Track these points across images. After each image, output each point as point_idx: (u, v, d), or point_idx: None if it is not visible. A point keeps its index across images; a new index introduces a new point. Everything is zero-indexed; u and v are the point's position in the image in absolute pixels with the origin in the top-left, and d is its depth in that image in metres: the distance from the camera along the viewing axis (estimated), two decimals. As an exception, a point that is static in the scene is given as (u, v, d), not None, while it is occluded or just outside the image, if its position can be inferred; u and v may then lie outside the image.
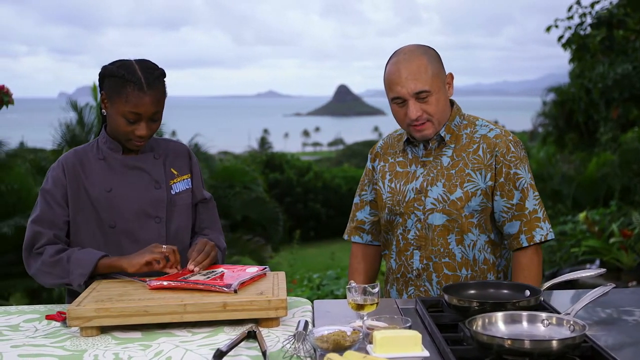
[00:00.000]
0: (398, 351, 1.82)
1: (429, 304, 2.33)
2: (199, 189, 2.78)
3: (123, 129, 2.54)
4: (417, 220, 2.71)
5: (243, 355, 1.95)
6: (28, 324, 2.29)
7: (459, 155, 2.70)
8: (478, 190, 2.65)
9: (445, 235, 2.68)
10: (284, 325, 2.21)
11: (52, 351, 2.02)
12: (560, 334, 1.88)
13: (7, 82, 5.04)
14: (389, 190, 2.80)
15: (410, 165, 2.77)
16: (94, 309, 2.13)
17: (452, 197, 2.65)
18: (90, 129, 12.53)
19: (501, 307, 2.07)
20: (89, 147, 2.70)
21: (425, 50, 2.67)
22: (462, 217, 2.65)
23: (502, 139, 2.69)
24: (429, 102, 2.61)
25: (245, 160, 27.02)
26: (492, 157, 2.66)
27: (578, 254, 9.41)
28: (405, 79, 2.60)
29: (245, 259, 12.42)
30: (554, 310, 2.14)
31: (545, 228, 2.66)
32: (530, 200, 2.66)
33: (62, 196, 2.61)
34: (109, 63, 2.59)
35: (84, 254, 2.51)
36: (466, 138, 2.72)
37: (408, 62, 2.62)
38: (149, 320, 2.14)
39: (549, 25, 11.05)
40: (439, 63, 2.66)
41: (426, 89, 2.59)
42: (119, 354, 1.98)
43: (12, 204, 11.12)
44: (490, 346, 1.80)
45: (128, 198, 2.60)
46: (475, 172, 2.66)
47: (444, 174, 2.69)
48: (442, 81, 2.64)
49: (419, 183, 2.71)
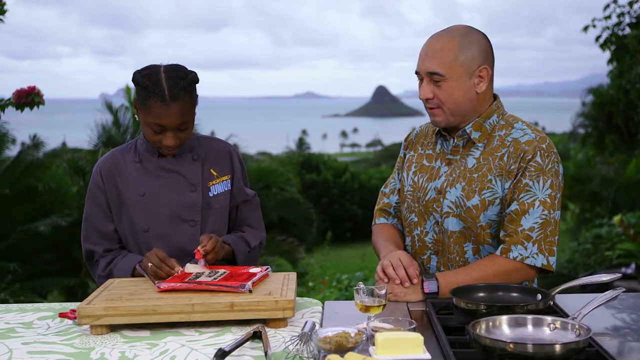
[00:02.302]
0: (400, 353, 1.80)
1: (439, 306, 2.31)
2: (242, 189, 2.75)
3: (151, 137, 2.54)
4: (435, 223, 2.57)
5: (247, 355, 1.95)
6: (41, 322, 2.32)
7: (486, 158, 2.49)
8: (496, 199, 2.45)
9: (462, 243, 2.52)
10: (292, 325, 2.20)
11: (60, 348, 2.05)
12: (566, 338, 1.84)
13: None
14: (411, 183, 2.65)
15: (436, 161, 2.61)
16: (103, 307, 2.15)
17: (469, 203, 2.47)
18: (125, 130, 12.71)
19: (509, 310, 2.04)
20: (127, 148, 2.71)
21: (467, 33, 2.46)
22: (477, 226, 2.48)
23: (532, 145, 2.44)
24: (441, 87, 2.44)
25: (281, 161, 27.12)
26: (515, 162, 2.43)
27: (613, 257, 9.26)
28: (425, 55, 2.45)
29: (278, 260, 12.47)
30: (564, 314, 2.10)
31: (529, 249, 2.38)
32: (530, 218, 2.40)
33: (105, 202, 2.65)
34: (140, 68, 2.55)
35: (122, 266, 2.58)
36: (498, 140, 2.50)
37: (437, 39, 2.46)
38: (157, 319, 2.16)
39: (586, 25, 10.89)
40: (475, 52, 2.44)
41: (439, 72, 2.42)
42: (125, 352, 2.00)
43: (50, 203, 11.33)
44: (493, 350, 1.78)
45: (162, 202, 2.61)
46: (496, 179, 2.46)
47: (465, 176, 2.50)
48: (467, 71, 2.43)
49: (441, 182, 2.55)
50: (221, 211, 2.70)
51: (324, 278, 9.29)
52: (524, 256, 2.40)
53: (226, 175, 2.72)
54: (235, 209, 2.78)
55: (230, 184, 2.73)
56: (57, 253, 11.08)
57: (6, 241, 10.40)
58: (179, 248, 2.57)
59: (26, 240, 10.72)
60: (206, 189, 2.66)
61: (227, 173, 2.72)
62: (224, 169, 2.72)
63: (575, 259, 10.38)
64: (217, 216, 2.68)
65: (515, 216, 2.42)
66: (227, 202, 2.71)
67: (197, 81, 2.56)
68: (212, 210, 2.66)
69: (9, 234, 10.52)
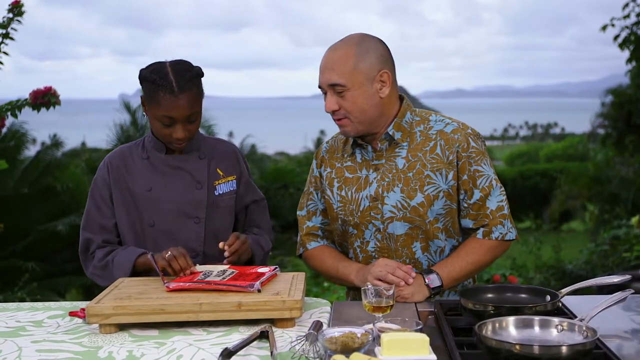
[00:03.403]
0: (405, 354, 1.80)
1: (447, 307, 2.30)
2: (249, 190, 2.77)
3: (160, 132, 2.57)
4: (376, 231, 2.55)
5: (253, 355, 1.95)
6: (51, 320, 2.34)
7: (415, 155, 2.51)
8: (440, 193, 2.49)
9: (410, 245, 2.54)
10: (300, 325, 2.20)
11: (69, 347, 2.06)
12: (572, 339, 1.83)
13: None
14: (339, 199, 2.61)
15: (360, 170, 2.58)
16: (112, 306, 2.16)
17: (413, 202, 2.48)
18: (143, 130, 12.79)
19: (517, 311, 2.04)
20: (135, 145, 2.75)
21: (362, 40, 2.46)
22: (425, 223, 2.49)
23: (460, 133, 2.51)
24: (345, 97, 2.43)
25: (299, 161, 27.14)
26: (452, 153, 2.48)
27: (631, 259, 9.17)
28: (325, 67, 2.45)
29: (295, 260, 12.46)
30: (572, 315, 2.09)
31: (506, 226, 2.52)
32: (493, 197, 2.52)
33: (108, 196, 2.68)
34: (145, 66, 2.60)
35: (123, 256, 2.59)
36: (420, 136, 2.53)
37: (334, 51, 2.45)
38: (165, 318, 2.16)
39: (605, 25, 10.80)
40: (373, 58, 2.43)
41: (340, 83, 2.41)
42: (132, 351, 2.01)
43: (67, 203, 11.42)
44: (498, 351, 1.77)
45: (167, 198, 2.64)
46: (435, 173, 2.49)
47: (400, 178, 2.51)
48: (366, 77, 2.42)
49: (374, 189, 2.53)
50: (226, 210, 2.71)
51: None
52: (503, 233, 2.53)
53: (232, 175, 2.74)
54: (244, 210, 2.80)
55: (237, 184, 2.75)
56: (75, 252, 11.10)
57: (24, 240, 10.48)
58: (182, 244, 2.59)
59: (44, 239, 10.80)
60: (212, 188, 2.68)
61: (233, 173, 2.74)
62: (230, 169, 2.74)
63: (592, 260, 10.30)
64: (221, 215, 2.70)
65: (481, 202, 2.52)
66: (232, 202, 2.73)
67: (201, 75, 2.60)
68: (217, 209, 2.69)
69: (27, 234, 10.61)
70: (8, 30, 4.34)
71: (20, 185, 11.18)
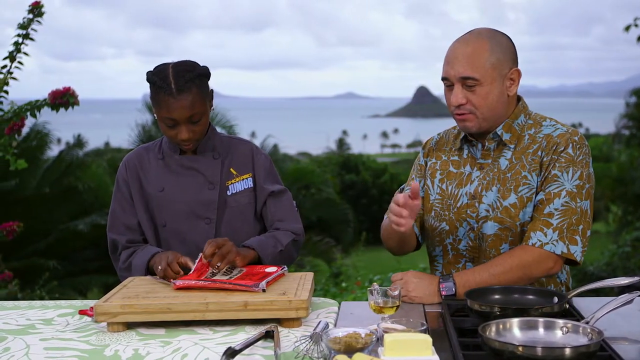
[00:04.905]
0: (408, 354, 1.79)
1: (455, 308, 2.29)
2: (264, 185, 2.73)
3: (167, 133, 2.59)
4: (470, 229, 2.50)
5: (257, 354, 1.96)
6: (61, 318, 2.36)
7: (519, 157, 2.45)
8: (534, 195, 2.40)
9: (498, 246, 2.45)
10: (306, 325, 2.21)
11: (76, 345, 2.08)
12: (577, 341, 1.81)
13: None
14: (439, 191, 2.58)
15: (465, 166, 2.54)
16: (119, 305, 2.18)
17: (505, 202, 2.42)
18: (164, 130, 12.85)
19: (523, 312, 2.02)
20: (152, 145, 2.78)
21: (494, 35, 2.42)
22: (516, 225, 2.41)
23: (564, 137, 2.41)
24: (476, 92, 2.38)
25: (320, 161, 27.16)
26: (548, 155, 2.40)
27: (652, 260, 9.09)
28: (456, 59, 2.39)
29: (314, 260, 12.48)
30: (580, 317, 2.07)
31: (549, 236, 2.33)
32: (552, 206, 2.36)
33: (129, 196, 2.71)
34: (152, 68, 2.62)
35: (139, 257, 2.61)
36: (529, 139, 2.46)
37: (466, 43, 2.41)
38: (172, 317, 2.18)
39: (628, 25, 10.69)
40: (505, 54, 2.41)
41: (474, 77, 2.36)
42: (138, 349, 2.02)
43: (89, 202, 11.53)
44: (501, 352, 1.76)
45: (179, 198, 2.65)
46: (531, 174, 2.41)
47: (500, 178, 2.45)
48: (500, 74, 2.39)
49: (474, 187, 2.49)
50: (239, 210, 2.70)
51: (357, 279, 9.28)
52: (543, 242, 2.34)
53: (247, 173, 2.72)
54: (264, 206, 2.75)
55: (253, 181, 2.73)
56: (96, 251, 11.26)
57: (46, 239, 10.61)
58: (193, 245, 2.60)
59: (66, 238, 10.93)
60: (224, 188, 2.68)
61: (247, 171, 2.73)
62: (245, 167, 2.73)
63: (614, 261, 10.20)
64: (233, 215, 2.69)
65: (540, 205, 2.39)
66: (248, 200, 2.71)
67: (206, 75, 2.59)
68: (229, 209, 2.68)
69: (48, 233, 10.73)
70: (28, 30, 4.39)
71: (42, 185, 11.30)
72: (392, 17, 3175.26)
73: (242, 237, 2.66)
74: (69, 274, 10.80)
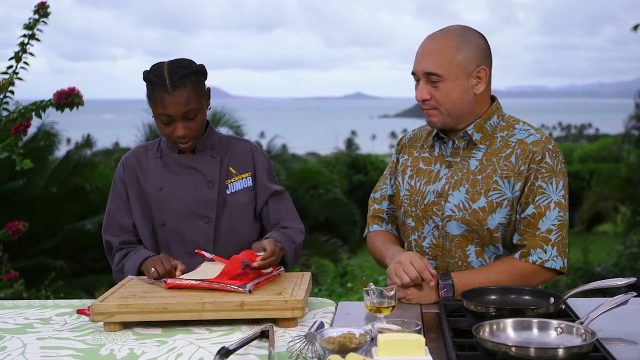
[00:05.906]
0: (401, 355, 1.79)
1: (451, 308, 2.28)
2: (266, 184, 2.74)
3: (163, 131, 2.60)
4: (435, 227, 2.51)
5: (252, 354, 1.96)
6: (59, 318, 2.37)
7: (490, 159, 2.45)
8: (505, 201, 2.41)
9: (464, 247, 2.48)
10: (302, 325, 2.21)
11: (72, 344, 2.09)
12: (571, 342, 1.81)
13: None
14: (408, 187, 2.59)
15: (434, 164, 2.55)
16: (116, 304, 2.19)
17: (475, 205, 2.43)
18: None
19: (518, 313, 2.01)
20: (151, 144, 2.78)
21: (465, 33, 2.43)
22: (483, 229, 2.43)
23: (540, 146, 2.42)
24: (439, 88, 2.40)
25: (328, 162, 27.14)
26: (524, 164, 2.40)
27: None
28: (422, 55, 2.42)
29: (321, 260, 12.48)
30: (576, 317, 2.06)
31: (549, 253, 2.38)
32: (547, 220, 2.39)
33: (125, 196, 2.72)
34: (149, 67, 2.63)
35: (132, 260, 2.62)
36: (501, 141, 2.47)
37: (434, 40, 2.43)
38: (168, 317, 2.18)
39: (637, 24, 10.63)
40: (474, 53, 2.41)
41: (437, 73, 2.38)
42: (134, 349, 2.03)
43: (96, 202, 11.54)
44: (495, 353, 1.76)
45: (177, 197, 2.66)
46: (503, 180, 2.42)
47: (468, 179, 2.45)
48: (464, 71, 2.39)
49: (441, 185, 2.49)
50: (238, 208, 2.70)
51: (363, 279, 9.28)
52: (544, 259, 2.40)
53: (246, 172, 2.72)
54: (265, 205, 2.76)
55: (253, 180, 2.73)
56: (103, 251, 11.26)
57: (53, 239, 10.63)
58: (192, 244, 2.61)
59: (73, 238, 10.94)
60: (223, 187, 2.68)
61: (247, 170, 2.73)
62: (244, 166, 2.73)
63: (621, 262, 10.15)
64: (233, 213, 2.69)
65: (533, 220, 2.40)
66: (247, 199, 2.71)
67: (202, 72, 2.60)
68: (228, 208, 2.68)
69: (56, 232, 10.75)
70: (34, 31, 4.41)
71: (50, 185, 11.33)
72: (401, 17, 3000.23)
73: (241, 236, 2.68)
74: (76, 273, 10.82)
